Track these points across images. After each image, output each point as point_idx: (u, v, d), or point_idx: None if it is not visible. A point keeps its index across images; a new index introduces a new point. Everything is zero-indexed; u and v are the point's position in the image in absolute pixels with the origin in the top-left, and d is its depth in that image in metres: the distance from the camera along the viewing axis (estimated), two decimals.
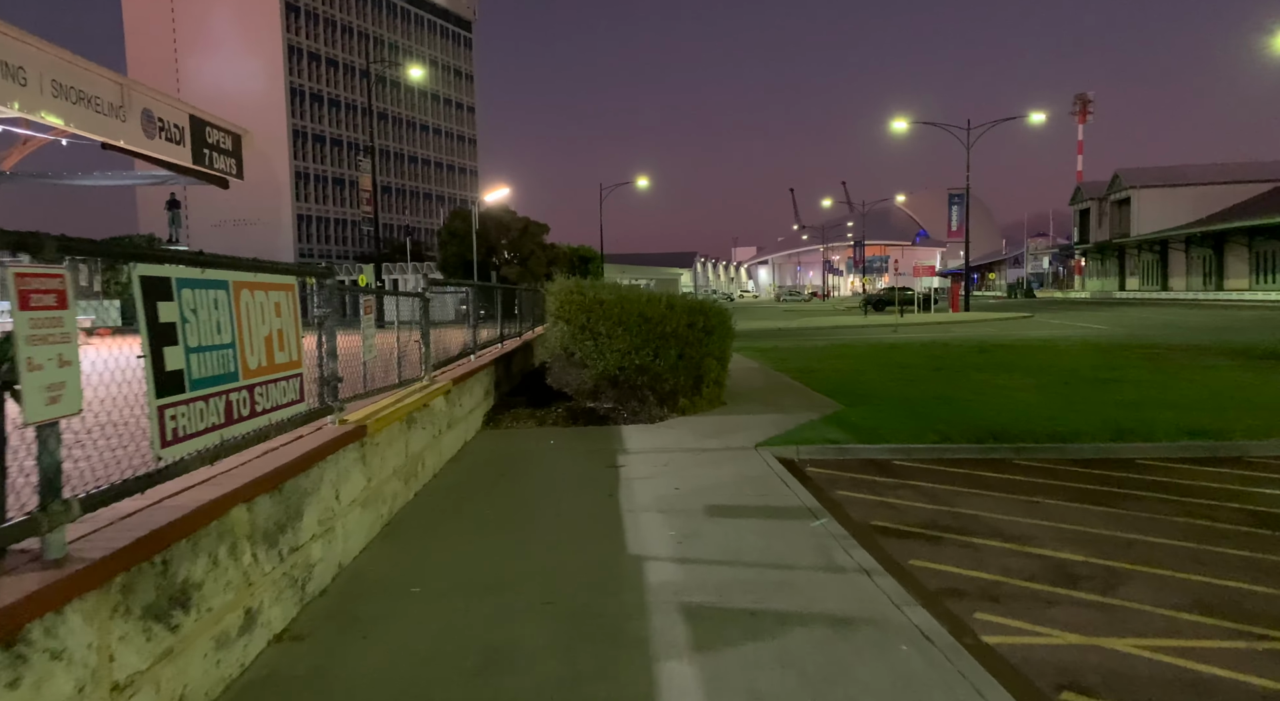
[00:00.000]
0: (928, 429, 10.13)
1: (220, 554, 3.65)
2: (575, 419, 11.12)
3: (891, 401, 12.49)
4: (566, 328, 11.27)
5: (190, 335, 3.78)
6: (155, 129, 14.64)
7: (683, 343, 11.37)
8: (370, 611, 4.67)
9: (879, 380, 15.31)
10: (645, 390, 11.29)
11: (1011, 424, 10.28)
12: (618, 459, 8.92)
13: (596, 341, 11.11)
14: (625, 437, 10.12)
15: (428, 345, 8.57)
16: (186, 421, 3.70)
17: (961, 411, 11.33)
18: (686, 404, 11.60)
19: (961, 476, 8.40)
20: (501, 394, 12.76)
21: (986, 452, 9.29)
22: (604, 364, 11.06)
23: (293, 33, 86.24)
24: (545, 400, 11.93)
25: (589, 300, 11.30)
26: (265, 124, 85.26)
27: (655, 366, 11.15)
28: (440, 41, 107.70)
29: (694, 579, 5.14)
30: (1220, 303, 57.24)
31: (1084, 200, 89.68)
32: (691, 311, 11.60)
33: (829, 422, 10.79)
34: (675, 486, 7.60)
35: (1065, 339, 26.15)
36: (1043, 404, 11.94)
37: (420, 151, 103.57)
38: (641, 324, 11.13)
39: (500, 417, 11.27)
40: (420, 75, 41.02)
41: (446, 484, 7.91)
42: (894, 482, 8.24)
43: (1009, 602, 5.04)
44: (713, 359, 11.90)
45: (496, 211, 62.00)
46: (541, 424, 11.02)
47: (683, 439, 9.98)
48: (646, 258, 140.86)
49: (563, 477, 8.25)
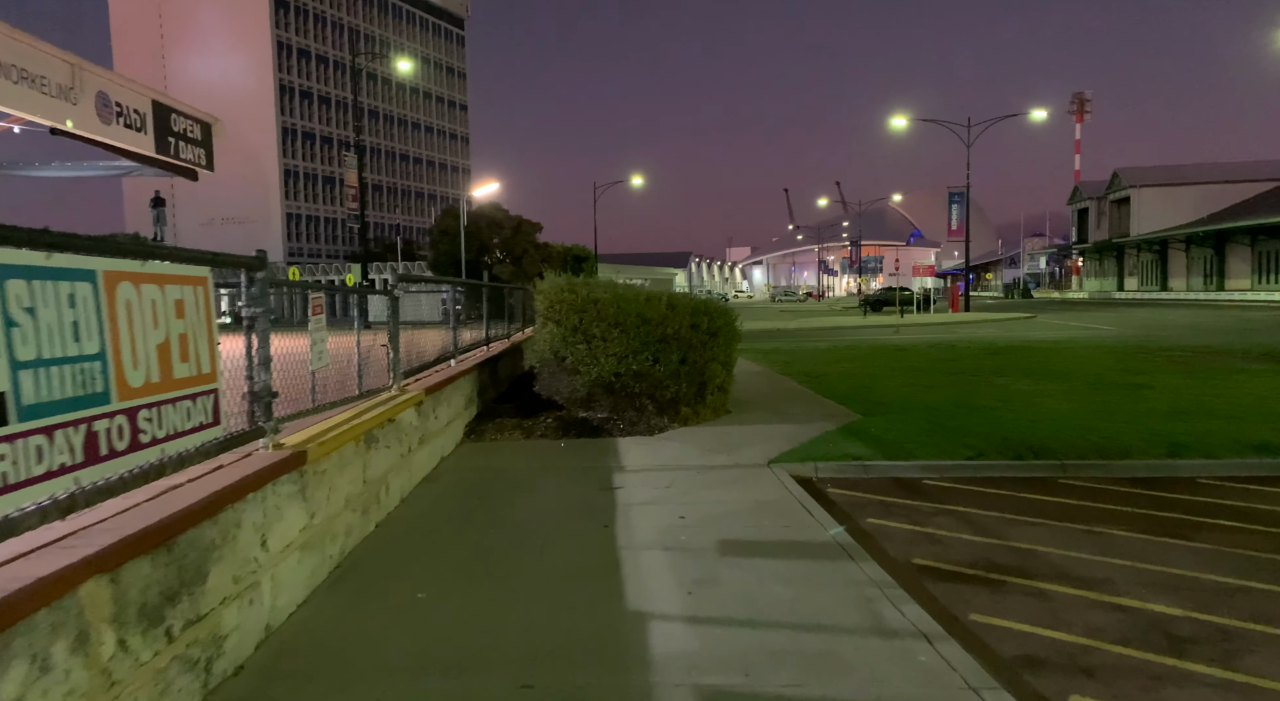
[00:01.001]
0: (957, 442, 9.12)
1: (54, 653, 2.58)
2: (566, 430, 10.06)
3: (911, 410, 11.46)
4: (557, 330, 10.21)
5: (22, 344, 2.72)
6: (112, 114, 13.47)
7: (685, 346, 10.33)
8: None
9: (893, 385, 14.29)
10: (644, 398, 10.25)
11: (1049, 436, 9.27)
12: (614, 478, 7.87)
13: (590, 345, 10.06)
14: (622, 452, 9.08)
15: (396, 349, 7.51)
16: (13, 465, 2.64)
17: (990, 421, 10.31)
18: (689, 413, 10.56)
19: (1005, 500, 7.37)
20: (486, 401, 11.70)
21: (1028, 471, 8.27)
22: (598, 369, 10.00)
23: (282, 28, 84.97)
24: (534, 409, 10.87)
25: (582, 300, 10.25)
26: (254, 121, 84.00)
27: (655, 372, 10.10)
28: (433, 38, 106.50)
29: (712, 647, 4.10)
30: (1223, 303, 56.46)
31: (1083, 200, 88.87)
32: (695, 312, 10.56)
33: (847, 434, 9.76)
34: (681, 515, 6.56)
35: (1076, 340, 25.22)
36: (1075, 412, 10.94)
37: (412, 150, 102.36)
38: (640, 326, 10.08)
39: (483, 428, 10.20)
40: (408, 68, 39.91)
41: (415, 513, 6.84)
42: (930, 507, 7.21)
43: (1109, 680, 4.00)
44: (717, 364, 10.86)
45: (489, 210, 60.90)
46: (529, 436, 9.96)
47: (686, 454, 8.94)
48: (641, 258, 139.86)
49: (550, 503, 7.18)
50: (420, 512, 6.83)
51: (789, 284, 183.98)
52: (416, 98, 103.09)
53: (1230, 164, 75.96)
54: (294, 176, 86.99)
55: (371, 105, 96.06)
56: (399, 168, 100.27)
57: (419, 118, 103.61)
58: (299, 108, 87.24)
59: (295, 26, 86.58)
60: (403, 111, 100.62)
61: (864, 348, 23.90)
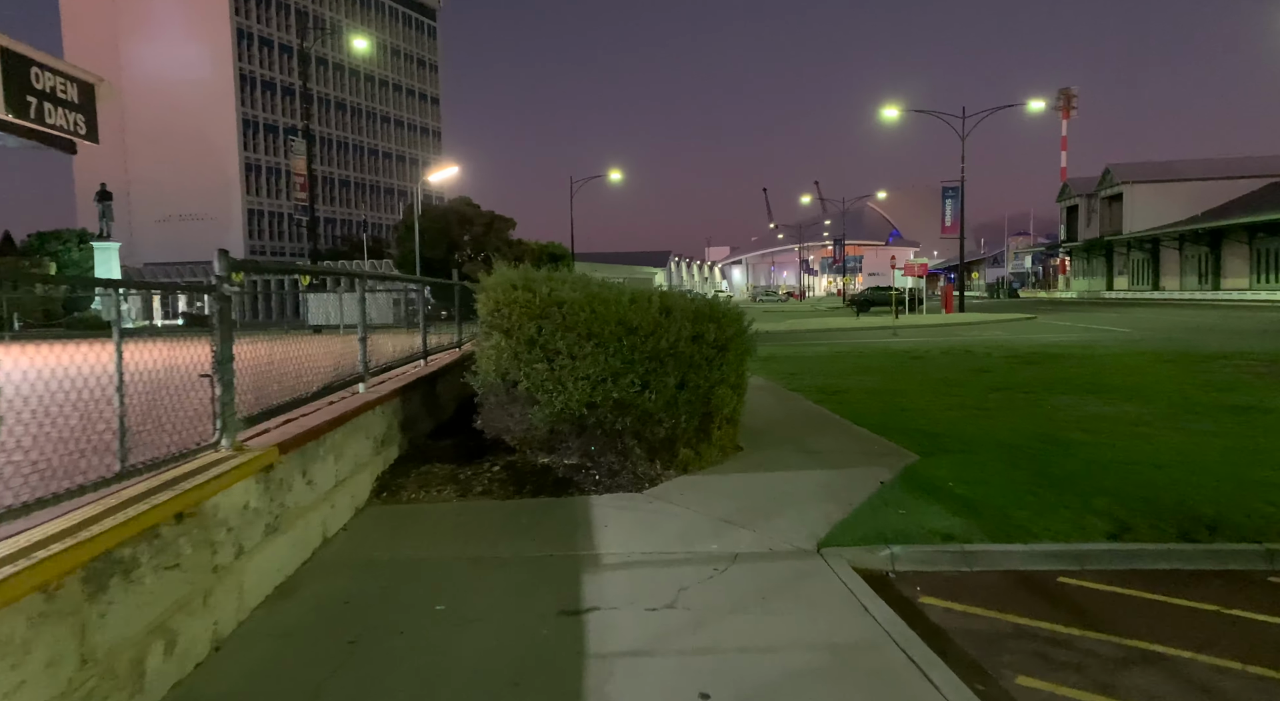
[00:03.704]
0: (1079, 506, 6.34)
1: None
2: (519, 483, 7.15)
3: (980, 446, 8.68)
4: (506, 343, 7.29)
5: None
6: None
7: (685, 364, 7.47)
8: None
9: (933, 407, 11.52)
10: (629, 437, 7.37)
11: (1207, 496, 6.51)
12: (584, 585, 4.98)
13: (553, 364, 7.16)
14: (598, 526, 6.18)
15: (228, 380, 4.57)
16: None
17: (1099, 467, 7.54)
18: (689, 456, 7.69)
19: (1220, 623, 4.57)
20: (419, 436, 8.78)
21: (1215, 560, 5.48)
22: (564, 399, 7.11)
23: (242, 15, 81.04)
24: (478, 449, 7.96)
25: (542, 301, 7.34)
26: (213, 112, 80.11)
27: (644, 402, 7.22)
28: (402, 29, 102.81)
29: None
30: (1223, 303, 54.45)
31: (1072, 197, 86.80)
32: (698, 318, 7.70)
33: (914, 489, 6.94)
34: (704, 691, 3.67)
35: (1103, 345, 22.62)
36: (1204, 452, 8.18)
37: (381, 144, 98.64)
38: (624, 337, 7.20)
39: (403, 482, 7.25)
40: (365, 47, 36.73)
41: (217, 693, 3.84)
42: (1102, 642, 4.39)
43: None
44: (727, 387, 7.99)
45: (458, 205, 57.71)
46: (465, 492, 7.03)
47: (695, 528, 6.06)
48: (620, 257, 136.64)
49: (471, 653, 4.21)
50: (220, 694, 3.82)
51: (768, 284, 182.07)
52: (386, 90, 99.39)
53: (1224, 160, 74.12)
54: (255, 171, 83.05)
55: (338, 97, 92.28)
56: (367, 163, 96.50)
57: (388, 111, 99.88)
58: (261, 99, 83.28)
59: (256, 14, 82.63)
60: (371, 104, 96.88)
61: (870, 353, 21.17)
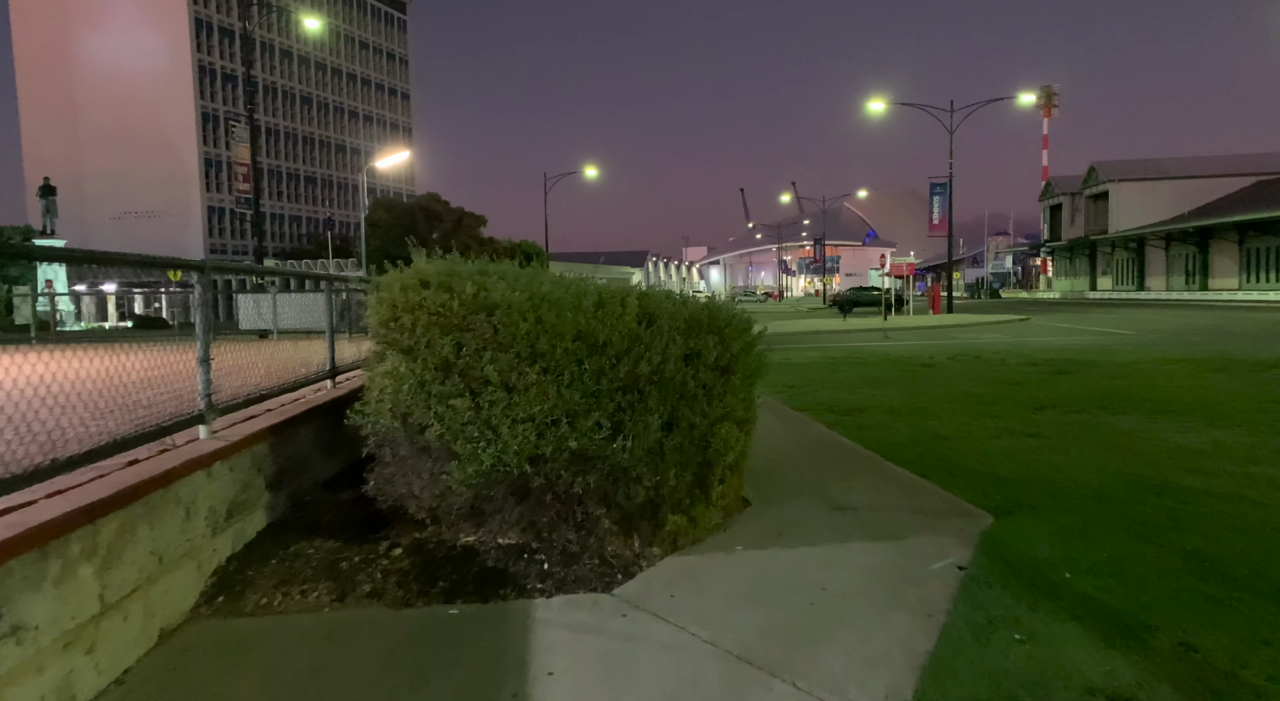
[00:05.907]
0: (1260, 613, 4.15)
1: None
2: (428, 578, 4.81)
3: (1067, 496, 6.49)
4: (409, 368, 4.94)
5: None
6: None
7: (674, 395, 5.17)
8: None
9: (973, 432, 9.35)
10: (593, 504, 5.06)
11: None
12: None
13: (479, 399, 4.82)
14: (538, 672, 3.84)
15: None
16: None
17: (1262, 535, 5.37)
18: (681, 524, 5.38)
19: None
20: (307, 488, 6.42)
21: None
22: (497, 450, 4.78)
23: (200, 4, 77.68)
24: (379, 516, 5.61)
25: (465, 305, 5.00)
26: (170, 105, 76.78)
27: (615, 452, 4.91)
28: (371, 22, 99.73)
29: None
30: (1214, 304, 53.10)
31: (1055, 195, 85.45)
32: (692, 328, 5.41)
33: (1010, 582, 4.71)
34: None
35: (1118, 349, 20.65)
36: None
37: (349, 139, 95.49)
38: (585, 358, 4.89)
39: (259, 571, 4.87)
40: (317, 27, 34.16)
41: None
42: None
43: None
44: (732, 423, 5.69)
45: (426, 201, 55.17)
46: (345, 594, 4.66)
47: (697, 679, 3.75)
48: (597, 256, 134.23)
49: None
50: None
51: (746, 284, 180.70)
52: (355, 85, 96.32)
53: (1211, 158, 73.00)
54: (216, 166, 79.66)
55: (304, 91, 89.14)
56: (334, 158, 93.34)
57: (357, 106, 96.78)
58: (221, 91, 79.92)
59: (215, 3, 79.33)
60: (339, 98, 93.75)
61: (870, 360, 19.05)
